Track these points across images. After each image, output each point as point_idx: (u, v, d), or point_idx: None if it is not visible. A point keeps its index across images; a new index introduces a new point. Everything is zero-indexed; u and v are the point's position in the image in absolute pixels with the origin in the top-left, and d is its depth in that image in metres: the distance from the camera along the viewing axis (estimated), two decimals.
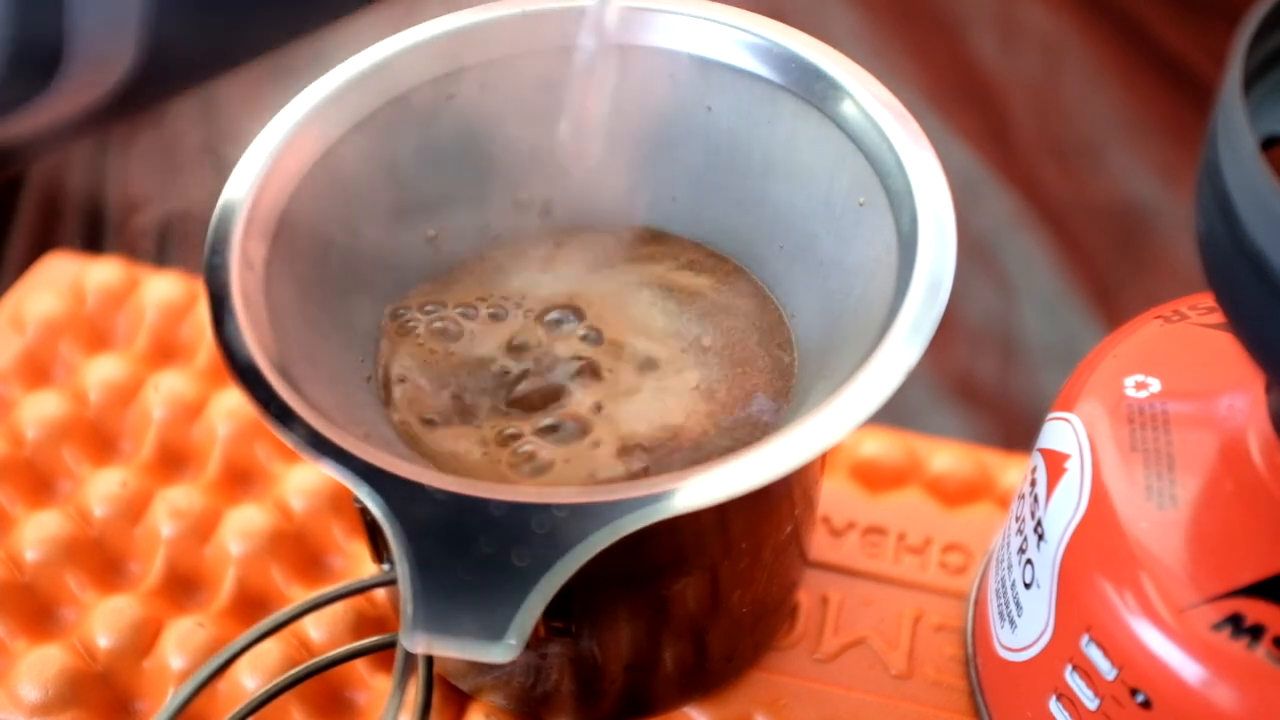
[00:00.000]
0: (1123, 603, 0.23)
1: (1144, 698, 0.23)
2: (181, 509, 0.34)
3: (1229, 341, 0.25)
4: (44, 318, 0.39)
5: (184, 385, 0.37)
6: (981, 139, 0.51)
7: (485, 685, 0.30)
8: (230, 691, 0.31)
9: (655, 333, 0.29)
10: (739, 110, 0.29)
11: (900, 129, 0.26)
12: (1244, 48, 0.20)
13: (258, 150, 0.27)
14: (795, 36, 0.29)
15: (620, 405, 0.27)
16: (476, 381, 0.28)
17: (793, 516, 0.28)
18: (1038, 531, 0.26)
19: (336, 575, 0.34)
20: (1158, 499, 0.24)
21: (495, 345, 0.29)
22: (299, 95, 0.28)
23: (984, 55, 0.55)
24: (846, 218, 0.28)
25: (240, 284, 0.24)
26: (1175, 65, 0.54)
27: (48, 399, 0.37)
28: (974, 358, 0.44)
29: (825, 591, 0.33)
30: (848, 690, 0.31)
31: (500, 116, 0.30)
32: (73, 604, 0.33)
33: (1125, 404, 0.26)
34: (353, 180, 0.28)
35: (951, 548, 0.34)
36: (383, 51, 0.29)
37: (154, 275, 0.40)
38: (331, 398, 0.25)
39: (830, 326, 0.28)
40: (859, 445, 0.36)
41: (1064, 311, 0.45)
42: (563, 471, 0.26)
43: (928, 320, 0.23)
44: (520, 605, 0.20)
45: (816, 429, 0.22)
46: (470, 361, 0.28)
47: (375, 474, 0.21)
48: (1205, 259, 0.21)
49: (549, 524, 0.21)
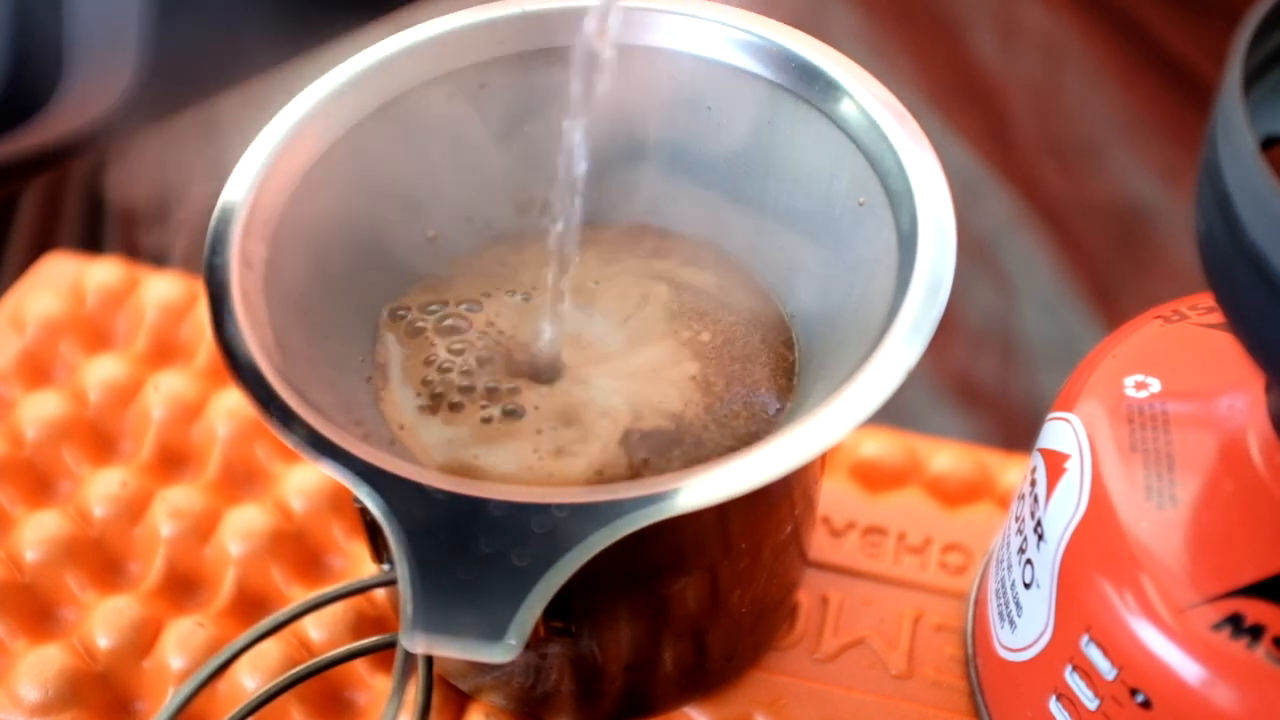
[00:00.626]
0: (1122, 603, 0.23)
1: (1144, 698, 0.23)
2: (181, 509, 0.34)
3: (1229, 341, 0.25)
4: (44, 318, 0.39)
5: (184, 385, 0.37)
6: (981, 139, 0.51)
7: (485, 685, 0.30)
8: (230, 691, 0.31)
9: (655, 326, 0.29)
10: (739, 110, 0.29)
11: (900, 129, 0.26)
12: (1244, 48, 0.20)
13: (258, 150, 0.26)
14: (795, 36, 0.29)
15: (619, 388, 0.27)
16: (479, 372, 0.28)
17: (793, 516, 0.28)
18: (1038, 531, 0.26)
19: (336, 575, 0.34)
20: (1157, 499, 0.24)
21: (497, 339, 0.29)
22: (299, 95, 0.28)
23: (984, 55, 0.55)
24: (846, 218, 0.28)
25: (240, 284, 0.24)
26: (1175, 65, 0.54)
27: (48, 399, 0.37)
28: (974, 358, 0.44)
29: (825, 591, 0.33)
30: (848, 690, 0.31)
31: (500, 116, 0.30)
32: (73, 604, 0.33)
33: (1125, 404, 0.26)
34: (352, 180, 0.28)
35: (951, 548, 0.34)
36: (383, 51, 0.29)
37: (154, 275, 0.40)
38: (331, 398, 0.25)
39: (830, 326, 0.27)
40: (859, 445, 0.36)
41: (1064, 311, 0.45)
42: (561, 457, 0.26)
43: (928, 320, 0.23)
44: (520, 605, 0.20)
45: (816, 429, 0.22)
46: (475, 354, 0.28)
47: (375, 474, 0.21)
48: (1205, 259, 0.21)
49: (549, 524, 0.21)
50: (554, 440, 0.27)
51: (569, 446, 0.26)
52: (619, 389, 0.28)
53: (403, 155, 0.29)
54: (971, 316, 0.45)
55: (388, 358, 0.28)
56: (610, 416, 0.27)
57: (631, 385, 0.28)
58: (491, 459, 0.26)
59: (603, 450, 0.26)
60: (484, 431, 0.27)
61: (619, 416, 0.27)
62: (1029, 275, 0.47)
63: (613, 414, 0.27)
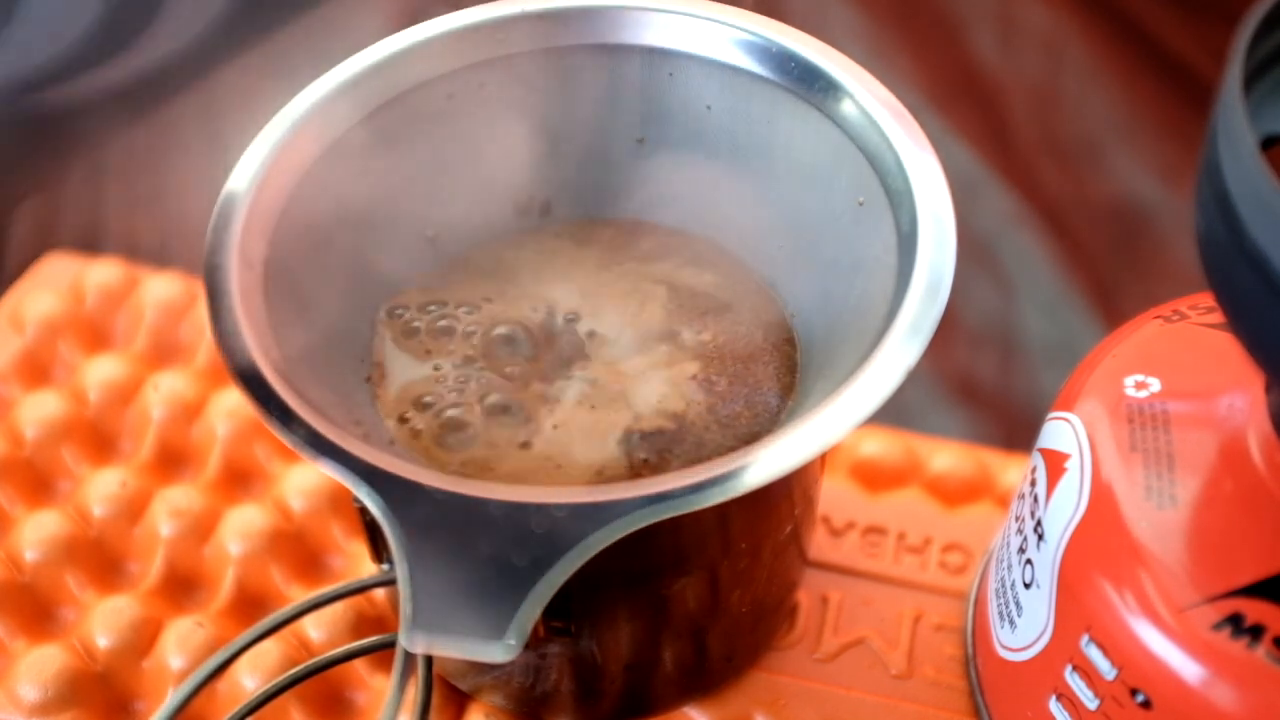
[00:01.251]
0: (1123, 603, 0.23)
1: (1144, 698, 0.23)
2: (181, 509, 0.34)
3: (1229, 341, 0.25)
4: (43, 317, 0.39)
5: (183, 385, 0.37)
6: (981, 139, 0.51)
7: (485, 685, 0.30)
8: (229, 691, 0.31)
9: (656, 326, 0.29)
10: (738, 110, 0.29)
11: (900, 129, 0.26)
12: (1244, 47, 0.20)
13: (258, 149, 0.26)
14: (795, 36, 0.29)
15: (619, 388, 0.27)
16: (477, 373, 0.28)
17: (792, 516, 0.28)
18: (1038, 531, 0.26)
19: (336, 575, 0.34)
20: (1158, 499, 0.24)
21: (497, 338, 0.29)
22: (299, 94, 0.28)
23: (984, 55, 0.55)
24: (846, 217, 0.27)
25: (240, 283, 0.24)
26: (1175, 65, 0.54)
27: (47, 399, 0.37)
28: (974, 357, 0.44)
29: (825, 591, 0.33)
30: (847, 690, 0.31)
31: (500, 116, 0.30)
32: (72, 604, 0.33)
33: (1125, 404, 0.26)
34: (352, 180, 0.28)
35: (951, 547, 0.34)
36: (383, 51, 0.29)
37: (153, 275, 0.40)
38: (331, 397, 0.25)
39: (830, 325, 0.27)
40: (859, 445, 0.36)
41: (1064, 311, 0.45)
42: (560, 457, 0.26)
43: (928, 320, 0.23)
44: (519, 605, 0.20)
45: (816, 428, 0.22)
46: (472, 355, 0.28)
47: (374, 474, 0.21)
48: (1205, 259, 0.21)
49: (548, 524, 0.21)
50: (553, 440, 0.27)
51: (568, 446, 0.26)
52: (619, 389, 0.28)
53: (402, 155, 0.29)
54: (971, 316, 0.45)
55: (385, 356, 0.28)
56: (610, 417, 0.27)
57: (631, 386, 0.28)
58: (490, 459, 0.26)
59: (602, 450, 0.26)
60: (482, 431, 0.27)
61: (619, 417, 0.27)
62: (1029, 275, 0.47)
63: (613, 414, 0.27)
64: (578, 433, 0.27)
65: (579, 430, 0.27)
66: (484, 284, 0.30)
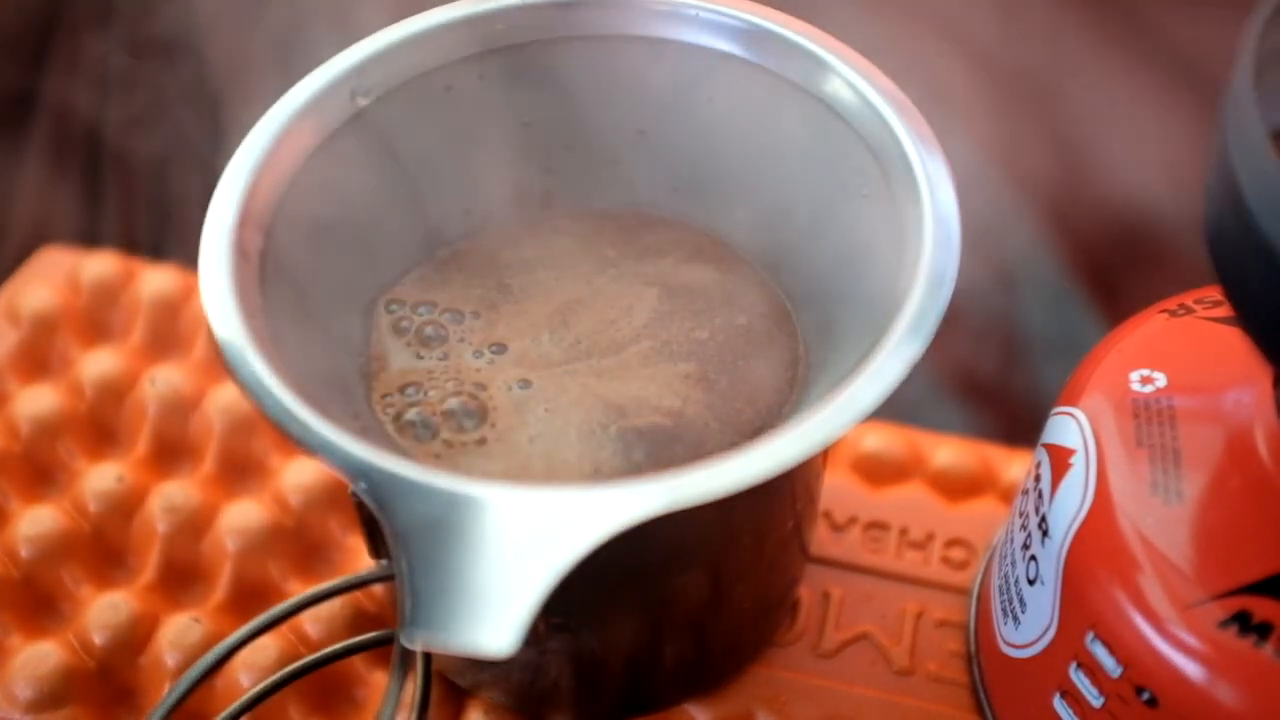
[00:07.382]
0: (1128, 599, 0.23)
1: (1149, 695, 0.23)
2: (178, 504, 0.34)
3: (1235, 335, 0.25)
4: (39, 311, 0.38)
5: (180, 379, 0.37)
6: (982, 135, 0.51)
7: (484, 681, 0.30)
8: (227, 687, 0.31)
9: (655, 322, 0.29)
10: (740, 102, 0.29)
11: (905, 122, 0.26)
12: (1255, 37, 0.20)
13: (255, 141, 0.26)
14: (800, 27, 0.28)
15: (613, 386, 0.27)
16: (475, 373, 0.28)
17: (794, 512, 0.28)
18: (1042, 527, 0.26)
19: (334, 571, 0.34)
20: (1163, 495, 0.24)
21: (483, 342, 0.28)
22: (296, 85, 0.27)
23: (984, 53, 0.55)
24: (850, 211, 0.27)
25: (237, 276, 0.24)
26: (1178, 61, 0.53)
27: (43, 393, 0.36)
28: (977, 352, 0.44)
29: (827, 587, 0.33)
30: (849, 686, 0.31)
31: (499, 107, 0.30)
32: (68, 599, 0.33)
33: (1130, 399, 0.26)
34: (350, 171, 0.28)
35: (954, 543, 0.34)
36: (380, 42, 0.28)
37: (150, 268, 0.40)
38: (328, 391, 0.25)
39: (832, 320, 0.27)
40: (861, 440, 0.36)
41: (1067, 306, 0.45)
42: (557, 454, 0.26)
43: (931, 315, 0.23)
44: (519, 601, 0.20)
45: (819, 424, 0.22)
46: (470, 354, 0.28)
47: (372, 469, 0.21)
48: (1214, 251, 0.21)
49: (547, 519, 0.20)
50: (551, 439, 0.26)
51: (566, 444, 0.26)
52: (614, 387, 0.27)
53: (400, 147, 0.29)
54: (974, 311, 0.45)
55: (383, 350, 0.28)
56: (604, 415, 0.27)
57: (627, 384, 0.27)
58: (486, 454, 0.26)
59: (599, 448, 0.26)
60: (481, 430, 0.27)
61: (613, 415, 0.27)
62: (1032, 270, 0.46)
63: (610, 412, 0.27)
64: (574, 431, 0.26)
65: (573, 428, 0.26)
66: (482, 278, 0.30)
